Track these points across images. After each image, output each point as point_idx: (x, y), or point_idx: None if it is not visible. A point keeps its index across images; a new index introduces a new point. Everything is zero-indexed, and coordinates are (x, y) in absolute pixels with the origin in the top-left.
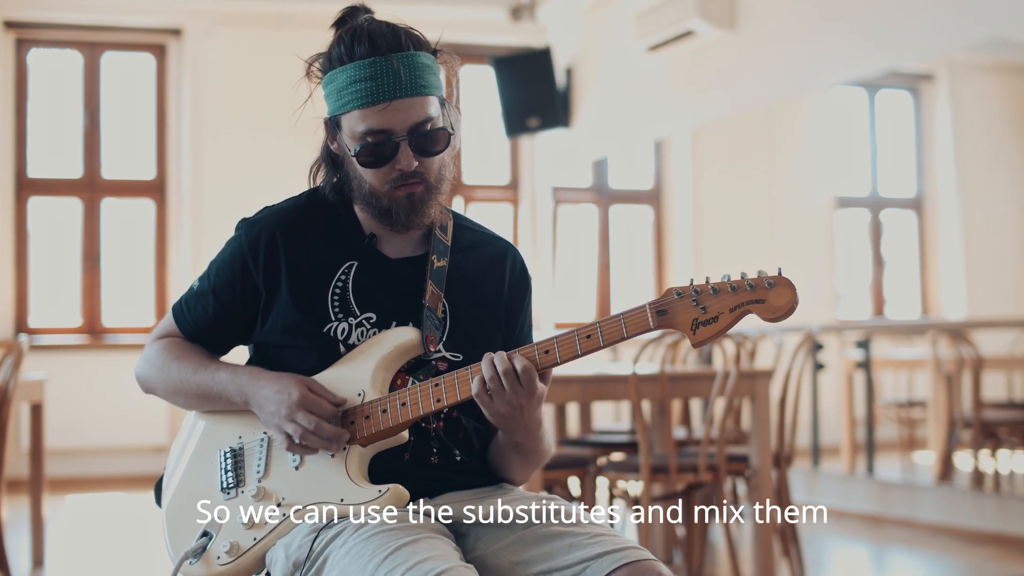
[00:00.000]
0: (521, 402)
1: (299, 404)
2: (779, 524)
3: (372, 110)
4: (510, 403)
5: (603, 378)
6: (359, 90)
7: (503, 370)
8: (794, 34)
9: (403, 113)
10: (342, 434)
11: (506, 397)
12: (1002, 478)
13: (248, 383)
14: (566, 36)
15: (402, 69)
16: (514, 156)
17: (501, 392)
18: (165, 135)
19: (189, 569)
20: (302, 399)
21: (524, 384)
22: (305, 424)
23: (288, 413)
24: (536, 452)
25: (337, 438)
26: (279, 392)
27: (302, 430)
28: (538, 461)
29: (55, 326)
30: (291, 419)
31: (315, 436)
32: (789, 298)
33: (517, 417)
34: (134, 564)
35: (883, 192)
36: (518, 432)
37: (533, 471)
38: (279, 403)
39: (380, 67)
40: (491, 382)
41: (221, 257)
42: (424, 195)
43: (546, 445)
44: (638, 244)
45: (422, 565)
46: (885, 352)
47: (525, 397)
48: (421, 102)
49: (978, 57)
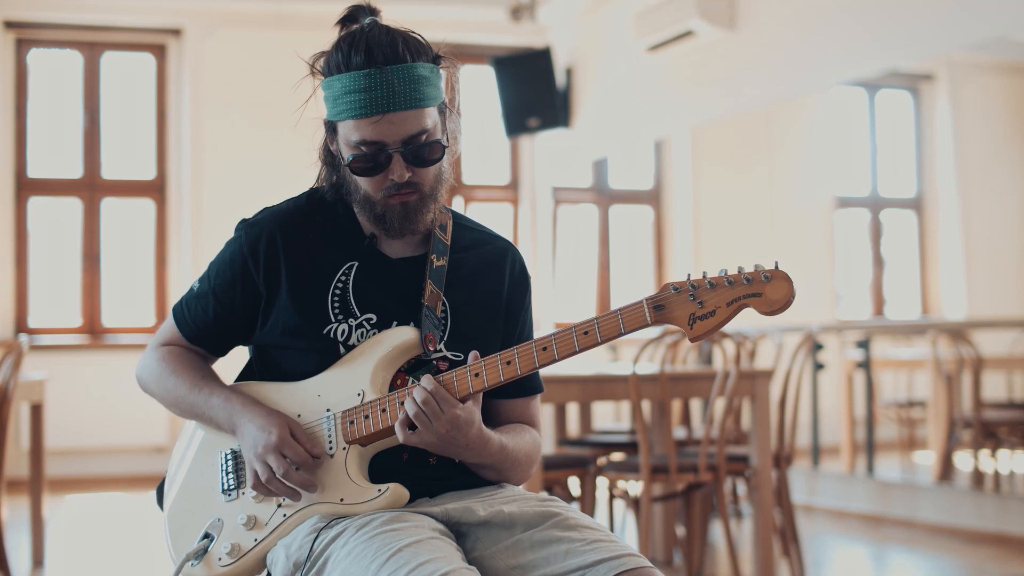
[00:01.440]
0: (444, 428)
1: (276, 447)
2: (779, 524)
3: (365, 122)
4: (435, 432)
5: (603, 378)
6: (353, 101)
7: (422, 399)
8: (794, 34)
9: (396, 126)
10: (310, 484)
11: (431, 428)
12: (1002, 478)
13: (238, 413)
14: (566, 36)
15: (397, 82)
16: (514, 156)
17: (426, 423)
18: (165, 135)
19: (191, 571)
20: (280, 442)
21: (443, 409)
22: (275, 467)
23: (262, 452)
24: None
25: (303, 486)
26: (260, 429)
27: (268, 473)
28: (520, 466)
29: (55, 326)
30: (262, 460)
31: (279, 482)
32: (786, 291)
33: (451, 444)
34: (134, 564)
35: (883, 192)
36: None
37: (526, 474)
38: (256, 440)
39: (375, 79)
40: (415, 418)
41: (221, 258)
42: (418, 204)
43: (523, 452)
44: (638, 244)
45: (425, 566)
46: (885, 352)
47: (447, 423)
48: (416, 115)
49: (978, 57)
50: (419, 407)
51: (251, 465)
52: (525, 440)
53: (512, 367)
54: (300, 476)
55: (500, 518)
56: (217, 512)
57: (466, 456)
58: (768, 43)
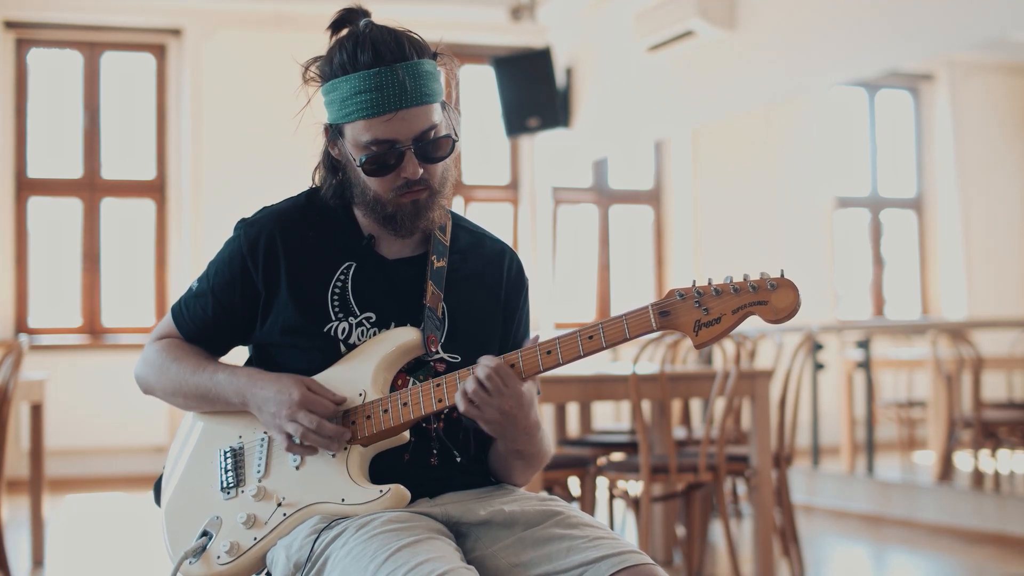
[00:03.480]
0: (508, 405)
1: (300, 404)
2: (779, 524)
3: (377, 120)
4: (499, 408)
5: (603, 378)
6: (364, 101)
7: (485, 375)
8: (794, 34)
9: (408, 123)
10: (344, 432)
11: (493, 403)
12: (1002, 478)
13: (247, 384)
14: (566, 36)
15: (407, 79)
16: (514, 156)
17: (487, 399)
18: (165, 135)
19: (189, 569)
20: (303, 399)
21: (508, 384)
22: (307, 424)
23: (289, 413)
24: (538, 455)
25: (339, 436)
26: (279, 392)
27: (304, 429)
28: (539, 464)
29: (55, 326)
30: (292, 419)
31: (317, 435)
32: (792, 300)
33: (511, 423)
34: (134, 564)
35: (883, 192)
36: (518, 438)
37: (534, 474)
38: (279, 403)
39: (385, 78)
40: (474, 395)
41: (220, 258)
42: (428, 200)
43: (546, 447)
44: (638, 244)
45: (423, 566)
46: (885, 352)
47: (512, 399)
48: (425, 111)
49: (978, 57)
50: (483, 383)
51: (281, 429)
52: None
53: (516, 370)
54: (333, 427)
55: (500, 517)
56: (216, 510)
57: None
58: (768, 43)
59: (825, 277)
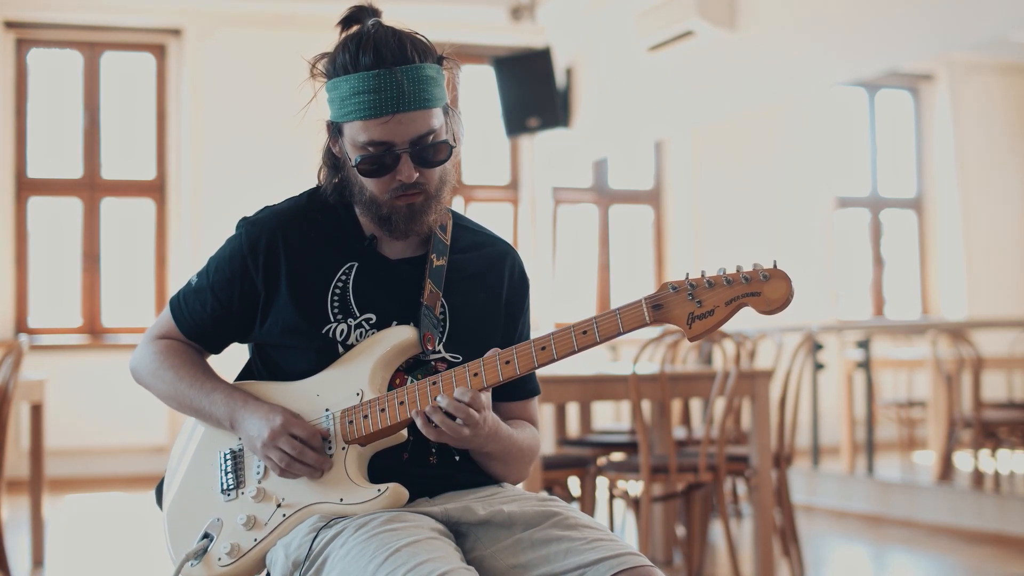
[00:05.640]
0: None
1: (283, 428)
2: (779, 524)
3: (374, 122)
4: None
5: (603, 378)
6: (362, 102)
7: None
8: (794, 34)
9: (405, 126)
10: (325, 460)
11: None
12: (1002, 478)
13: (240, 408)
14: (566, 36)
15: (406, 82)
16: (514, 156)
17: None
18: (165, 135)
19: (190, 571)
20: (285, 423)
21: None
22: (288, 449)
23: (269, 438)
24: (517, 455)
25: (319, 463)
26: (262, 418)
27: (287, 458)
28: (523, 459)
29: (55, 326)
30: (274, 445)
31: (298, 463)
32: (785, 290)
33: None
34: (134, 564)
35: (883, 192)
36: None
37: (524, 469)
38: (260, 429)
39: (384, 80)
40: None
41: (221, 254)
42: (424, 204)
43: (526, 444)
44: (638, 244)
45: (423, 566)
46: (885, 352)
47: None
48: (424, 115)
49: (978, 57)
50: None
51: (264, 454)
52: (526, 434)
53: (511, 367)
54: (313, 454)
55: (500, 517)
56: (217, 512)
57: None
58: (768, 43)
59: (825, 277)
